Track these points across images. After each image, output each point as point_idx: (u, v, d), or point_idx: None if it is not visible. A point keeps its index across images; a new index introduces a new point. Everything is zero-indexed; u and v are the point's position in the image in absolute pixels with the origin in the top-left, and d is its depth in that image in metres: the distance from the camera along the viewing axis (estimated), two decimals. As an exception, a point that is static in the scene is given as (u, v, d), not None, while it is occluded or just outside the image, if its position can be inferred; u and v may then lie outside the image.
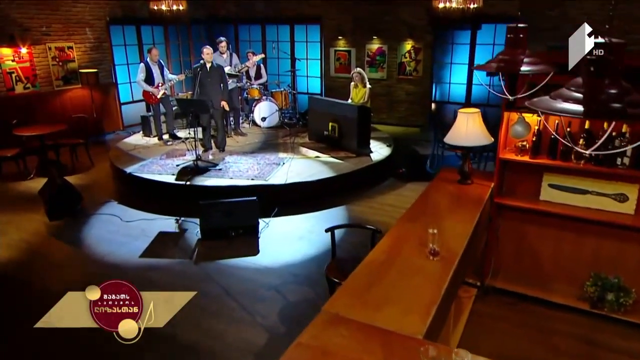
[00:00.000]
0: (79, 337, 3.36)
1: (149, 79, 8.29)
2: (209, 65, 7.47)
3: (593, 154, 3.43)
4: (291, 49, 11.87)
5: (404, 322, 2.20)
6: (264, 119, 9.36)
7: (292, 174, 6.73)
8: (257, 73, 9.53)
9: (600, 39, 1.54)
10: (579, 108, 1.45)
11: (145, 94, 8.51)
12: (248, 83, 9.40)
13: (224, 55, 8.73)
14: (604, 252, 3.88)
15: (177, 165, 7.05)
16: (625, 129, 3.46)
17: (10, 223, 5.92)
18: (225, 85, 7.76)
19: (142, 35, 10.85)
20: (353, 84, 8.20)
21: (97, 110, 9.81)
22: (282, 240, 5.40)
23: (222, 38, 8.97)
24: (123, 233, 5.61)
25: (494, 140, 3.92)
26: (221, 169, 6.93)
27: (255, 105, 9.38)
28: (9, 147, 7.45)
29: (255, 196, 5.61)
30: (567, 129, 3.70)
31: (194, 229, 5.60)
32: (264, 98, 9.37)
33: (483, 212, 3.63)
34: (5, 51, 8.39)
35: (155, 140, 8.68)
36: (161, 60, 8.65)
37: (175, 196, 6.47)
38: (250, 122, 9.57)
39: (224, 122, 8.20)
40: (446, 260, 2.73)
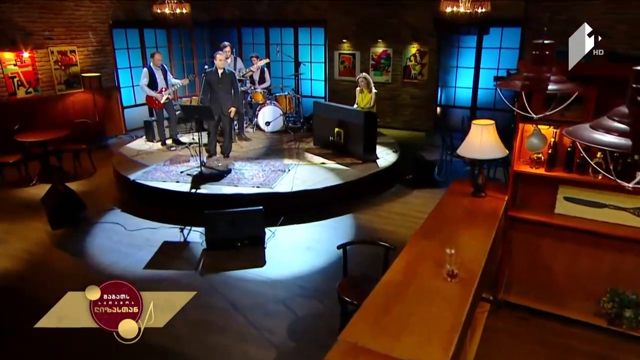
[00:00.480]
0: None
1: (152, 83, 8.19)
2: (220, 71, 7.44)
3: (611, 168, 3.32)
4: (295, 52, 11.77)
5: (424, 352, 2.10)
6: (268, 124, 9.27)
7: (298, 181, 6.63)
8: (261, 77, 9.44)
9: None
10: (625, 142, 1.34)
11: (149, 99, 8.42)
12: (252, 87, 9.31)
13: (228, 60, 8.65)
14: (621, 268, 3.77)
15: (182, 172, 6.95)
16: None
17: (12, 232, 5.83)
18: (236, 91, 7.72)
19: (145, 39, 10.76)
20: (359, 89, 8.10)
21: (100, 114, 9.73)
22: (289, 251, 5.30)
23: (227, 43, 8.91)
24: (127, 243, 5.52)
25: (508, 153, 3.82)
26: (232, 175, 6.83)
27: (259, 109, 9.29)
28: (11, 153, 7.36)
29: (260, 204, 5.52)
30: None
31: (198, 239, 5.51)
32: (268, 102, 9.27)
33: (499, 227, 3.53)
34: (8, 55, 8.29)
35: (158, 145, 8.58)
36: (164, 65, 8.56)
37: (179, 204, 6.37)
38: (254, 127, 9.47)
39: (232, 128, 8.13)
40: (465, 282, 2.63)
